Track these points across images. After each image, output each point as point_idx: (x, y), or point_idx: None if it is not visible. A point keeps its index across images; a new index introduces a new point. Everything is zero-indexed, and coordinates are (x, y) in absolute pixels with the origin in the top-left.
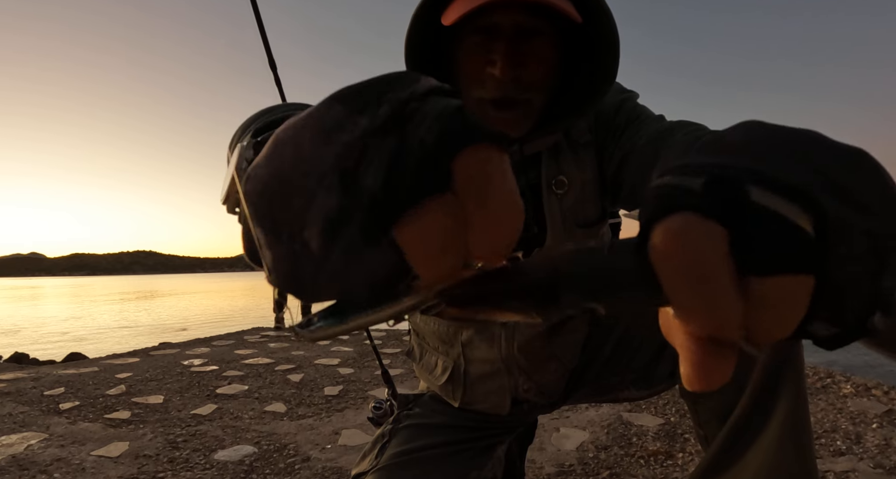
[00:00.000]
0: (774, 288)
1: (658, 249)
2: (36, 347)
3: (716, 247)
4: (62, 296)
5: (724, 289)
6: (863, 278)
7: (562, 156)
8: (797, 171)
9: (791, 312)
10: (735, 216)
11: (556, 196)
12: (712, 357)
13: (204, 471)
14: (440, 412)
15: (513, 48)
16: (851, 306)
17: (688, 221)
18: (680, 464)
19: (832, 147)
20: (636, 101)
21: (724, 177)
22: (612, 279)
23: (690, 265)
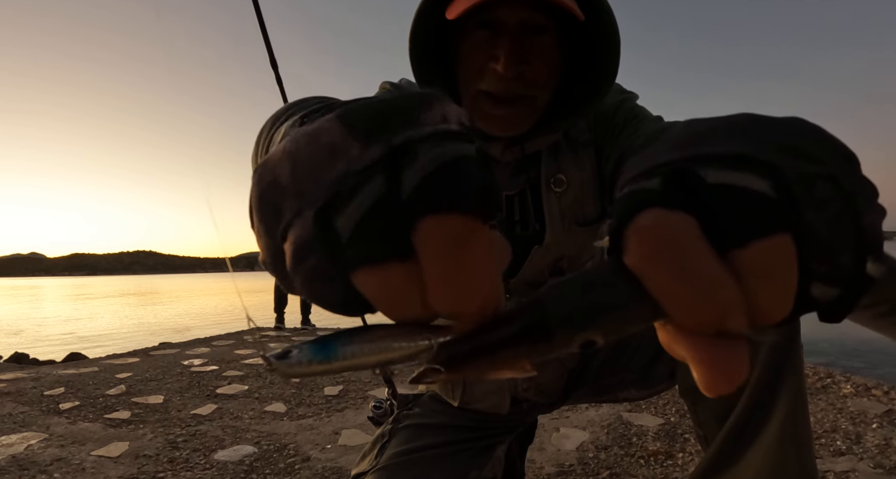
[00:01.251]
0: (757, 255)
1: (634, 251)
2: (36, 347)
3: (688, 232)
4: (62, 296)
5: (711, 270)
6: (840, 220)
7: (561, 155)
8: (743, 145)
9: (783, 277)
10: (698, 201)
11: (555, 195)
12: (724, 353)
13: (204, 471)
14: (440, 412)
15: (517, 44)
16: (841, 253)
17: (654, 216)
18: (680, 464)
19: (770, 119)
20: (635, 102)
21: (678, 170)
22: (601, 301)
23: (669, 256)
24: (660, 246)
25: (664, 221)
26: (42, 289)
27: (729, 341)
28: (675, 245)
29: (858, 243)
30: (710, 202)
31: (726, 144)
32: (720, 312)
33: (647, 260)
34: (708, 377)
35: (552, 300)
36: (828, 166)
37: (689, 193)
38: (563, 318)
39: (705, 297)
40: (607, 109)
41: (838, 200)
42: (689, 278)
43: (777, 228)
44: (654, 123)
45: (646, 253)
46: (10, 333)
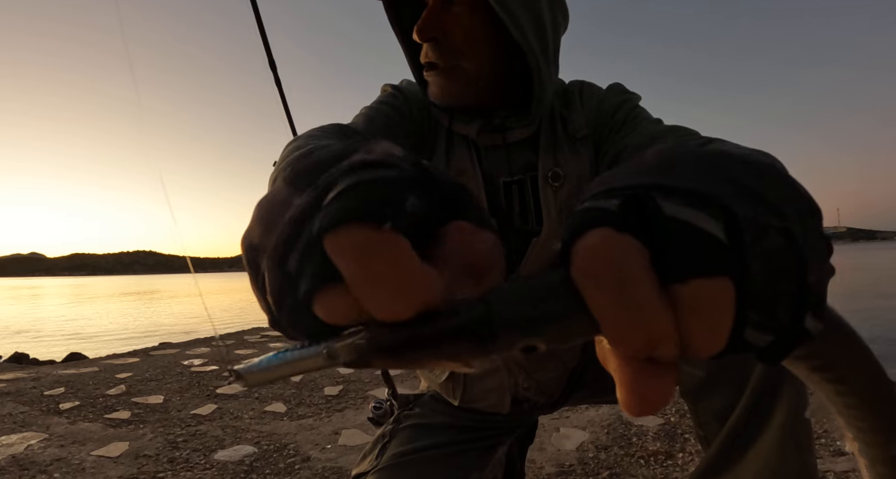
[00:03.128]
0: (695, 292)
1: (578, 266)
2: (36, 347)
3: (633, 258)
4: (62, 296)
5: (648, 298)
6: (785, 274)
7: (559, 149)
8: (708, 183)
9: (718, 317)
10: (650, 230)
11: (551, 188)
12: (648, 379)
13: (204, 471)
14: (441, 412)
15: (429, 15)
16: (779, 306)
17: (603, 235)
18: (680, 464)
19: (739, 157)
20: (637, 103)
21: (638, 196)
22: (546, 309)
23: (610, 277)
24: (602, 266)
25: (612, 243)
26: (42, 289)
27: (657, 368)
28: (617, 268)
29: (799, 299)
30: (662, 234)
31: (690, 180)
32: (650, 340)
33: (589, 277)
34: (628, 399)
35: (500, 302)
36: (785, 219)
37: (643, 221)
38: (510, 321)
39: (638, 323)
40: (608, 107)
41: (787, 255)
42: (625, 302)
43: (719, 271)
44: (653, 124)
45: (588, 270)
46: (10, 333)
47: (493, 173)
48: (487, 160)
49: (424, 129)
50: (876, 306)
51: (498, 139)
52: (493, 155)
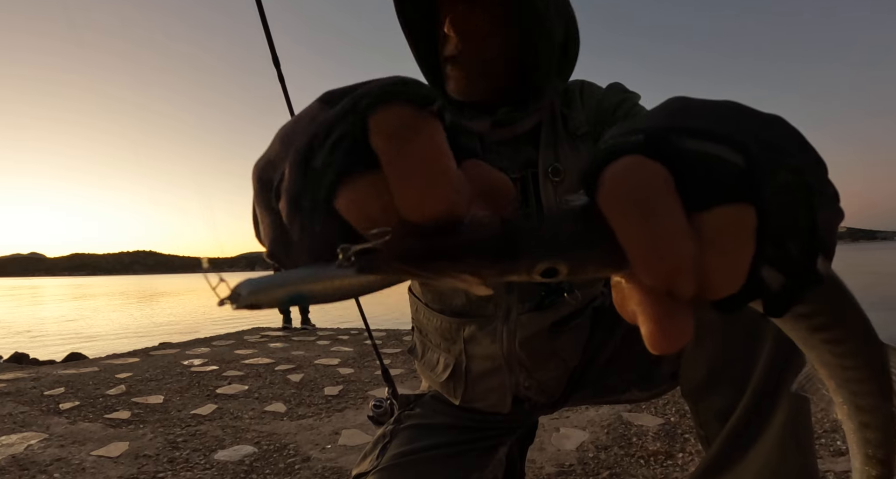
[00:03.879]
0: (718, 219)
1: (608, 190)
2: (36, 347)
3: (662, 182)
4: (62, 296)
5: (677, 223)
6: (798, 208)
7: (559, 145)
8: (725, 126)
9: (739, 247)
10: (675, 161)
11: (552, 183)
12: (672, 312)
13: (204, 471)
14: (441, 413)
15: (461, 8)
16: (794, 240)
17: (633, 161)
18: (680, 464)
19: (753, 112)
20: (636, 102)
21: (661, 131)
22: (572, 233)
23: (641, 201)
24: (633, 190)
25: (642, 167)
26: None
27: (677, 302)
28: (647, 191)
29: (809, 235)
30: (687, 164)
31: (710, 122)
32: (674, 266)
33: (619, 201)
34: (654, 332)
35: (524, 222)
36: (796, 159)
37: (668, 153)
38: (534, 240)
39: (664, 247)
40: (608, 106)
41: (798, 190)
42: (653, 225)
43: (741, 197)
44: None
45: (619, 194)
46: (10, 333)
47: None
48: (490, 158)
49: None
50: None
51: (507, 133)
52: (496, 152)
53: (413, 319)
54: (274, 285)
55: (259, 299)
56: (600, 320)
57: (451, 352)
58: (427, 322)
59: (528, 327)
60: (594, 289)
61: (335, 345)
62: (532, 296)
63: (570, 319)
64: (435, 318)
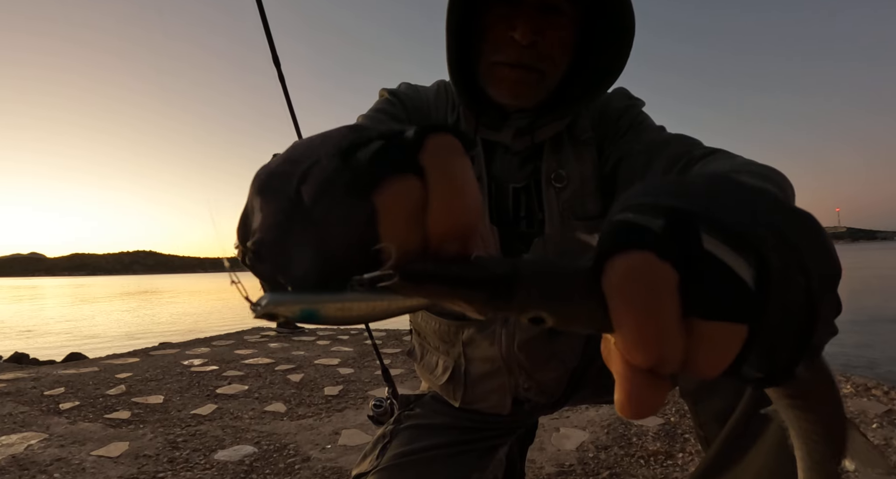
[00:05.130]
0: (713, 331)
1: (613, 281)
2: (36, 347)
3: (667, 287)
4: (62, 296)
5: (670, 326)
6: (794, 332)
7: (563, 151)
8: (750, 224)
9: (724, 354)
10: (687, 261)
11: (554, 189)
12: (647, 388)
13: (204, 471)
14: (441, 413)
15: (534, 18)
16: (780, 356)
17: (646, 259)
18: (680, 464)
19: (785, 207)
20: (641, 109)
21: (681, 221)
22: (566, 291)
23: (642, 301)
24: (637, 289)
25: (652, 269)
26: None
27: (655, 379)
28: (651, 295)
29: (799, 351)
30: (698, 268)
31: (736, 215)
32: (658, 359)
33: (622, 294)
34: (623, 402)
35: (527, 269)
36: (811, 278)
37: (682, 250)
38: (529, 289)
39: (653, 345)
40: (612, 112)
41: (802, 314)
42: (649, 325)
43: (740, 319)
44: (656, 132)
45: (622, 288)
46: (10, 333)
47: (504, 179)
48: (499, 166)
49: None
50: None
51: (527, 141)
52: (503, 161)
53: (411, 322)
54: (292, 300)
55: (277, 310)
56: None
57: (449, 355)
58: (425, 325)
59: (526, 330)
60: None
61: (335, 345)
62: None
63: None
64: (433, 321)
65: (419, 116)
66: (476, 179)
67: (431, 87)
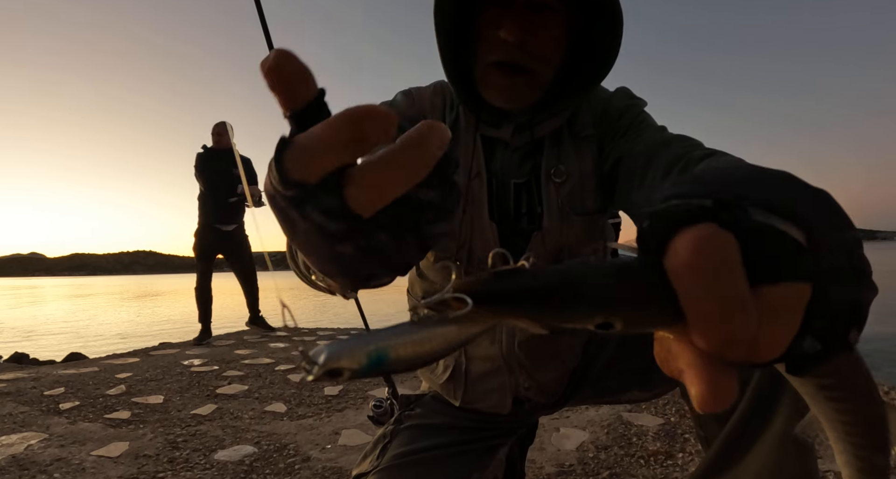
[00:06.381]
0: (779, 296)
1: (681, 258)
2: (36, 347)
3: (735, 255)
4: (62, 296)
5: (743, 294)
6: (848, 289)
7: (563, 147)
8: (788, 197)
9: (792, 321)
10: (744, 234)
11: (553, 184)
12: (724, 375)
13: (204, 471)
14: (442, 413)
15: (523, 16)
16: (839, 317)
17: (709, 230)
18: (680, 464)
19: (805, 184)
20: (643, 109)
21: (729, 202)
22: (632, 288)
23: (714, 272)
24: (706, 258)
25: (716, 237)
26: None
27: (724, 366)
28: (721, 261)
29: (853, 313)
30: (754, 237)
31: (772, 192)
32: (733, 335)
33: (692, 267)
34: (705, 394)
35: (588, 275)
36: (847, 242)
37: (738, 224)
38: (595, 294)
39: (729, 316)
40: (614, 111)
41: (850, 272)
42: (722, 294)
43: (805, 276)
44: (657, 133)
45: (693, 261)
46: (10, 333)
47: (505, 175)
48: (500, 162)
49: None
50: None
51: (527, 138)
52: (504, 157)
53: None
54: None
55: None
56: None
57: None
58: None
59: None
60: None
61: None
62: None
63: None
64: None
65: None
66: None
67: (428, 87)
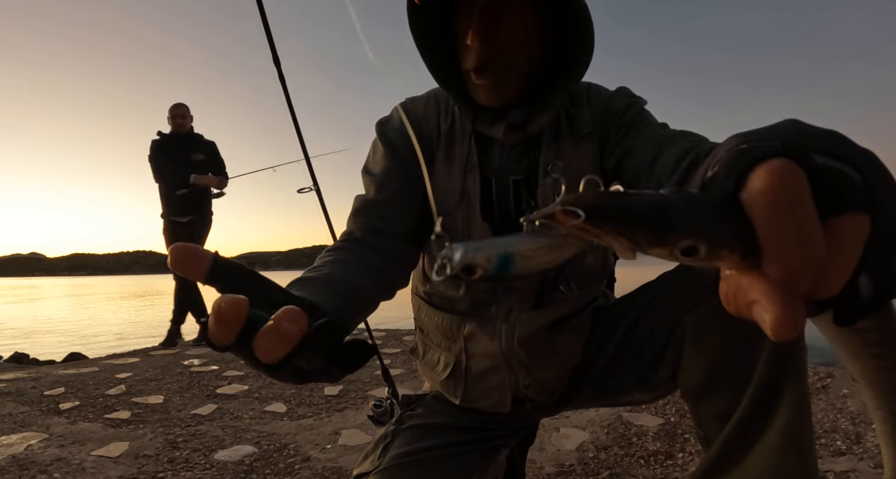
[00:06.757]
0: (845, 225)
1: (759, 185)
2: (36, 347)
3: (806, 186)
4: (62, 296)
5: (814, 223)
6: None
7: (561, 144)
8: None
9: (852, 253)
10: (811, 170)
11: (551, 179)
12: (794, 303)
13: (204, 471)
14: (443, 413)
15: (485, 19)
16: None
17: (786, 163)
18: (680, 464)
19: (851, 141)
20: (643, 107)
21: (795, 146)
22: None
23: (789, 201)
24: (784, 187)
25: (792, 170)
26: (42, 289)
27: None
28: (795, 191)
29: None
30: (819, 175)
31: (826, 141)
32: (805, 261)
33: (771, 197)
34: (781, 318)
35: (678, 201)
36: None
37: (805, 163)
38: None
39: (803, 243)
40: (615, 110)
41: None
42: (797, 222)
43: (865, 208)
44: (661, 129)
45: (772, 191)
46: (10, 333)
47: (504, 172)
48: (499, 160)
49: (434, 139)
50: None
51: (521, 135)
52: (503, 155)
53: (415, 319)
54: (486, 246)
55: (476, 259)
56: (601, 321)
57: (451, 351)
58: (429, 321)
59: (527, 325)
60: (595, 289)
61: None
62: (531, 295)
63: (569, 317)
64: (437, 316)
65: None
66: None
67: (422, 98)
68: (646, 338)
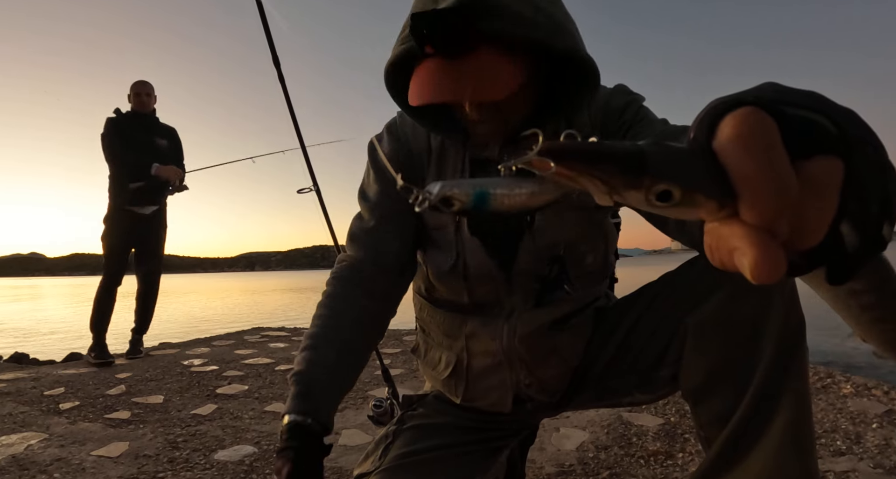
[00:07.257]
0: (816, 168)
1: (729, 132)
2: (36, 347)
3: (773, 129)
4: (62, 296)
5: (786, 164)
6: (878, 176)
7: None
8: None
9: (829, 196)
10: (782, 118)
11: None
12: (773, 248)
13: (204, 471)
14: (444, 413)
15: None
16: (872, 202)
17: (753, 110)
18: (680, 464)
19: (832, 102)
20: (642, 103)
21: (767, 98)
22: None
23: (760, 146)
24: (753, 132)
25: (759, 116)
26: (42, 289)
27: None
28: (765, 135)
29: (885, 201)
30: (791, 121)
31: (804, 99)
32: (781, 202)
33: (740, 140)
34: (759, 258)
35: (653, 147)
36: (874, 139)
37: (776, 111)
38: (660, 163)
39: (776, 183)
40: (615, 108)
41: (879, 163)
42: (767, 165)
43: (836, 152)
44: (662, 125)
45: (740, 134)
46: (10, 333)
47: None
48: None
49: (424, 155)
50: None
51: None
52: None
53: (417, 318)
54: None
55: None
56: (602, 321)
57: (452, 349)
58: (431, 320)
59: (528, 324)
60: (596, 289)
61: None
62: (532, 295)
63: (570, 317)
64: (439, 315)
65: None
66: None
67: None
68: (647, 338)
